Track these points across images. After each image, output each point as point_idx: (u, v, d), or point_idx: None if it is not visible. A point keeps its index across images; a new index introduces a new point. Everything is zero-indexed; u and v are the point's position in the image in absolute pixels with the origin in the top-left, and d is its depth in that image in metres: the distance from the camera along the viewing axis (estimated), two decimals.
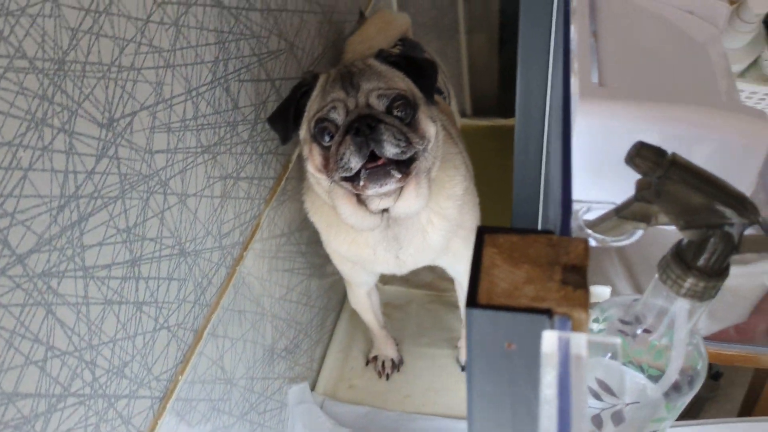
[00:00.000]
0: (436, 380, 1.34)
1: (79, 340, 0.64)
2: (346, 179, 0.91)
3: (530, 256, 0.41)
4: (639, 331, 0.59)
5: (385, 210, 0.98)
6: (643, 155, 0.47)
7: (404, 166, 0.90)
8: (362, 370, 1.37)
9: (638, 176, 0.53)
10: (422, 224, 1.04)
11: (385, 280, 1.53)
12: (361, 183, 0.89)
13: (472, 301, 0.39)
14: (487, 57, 2.04)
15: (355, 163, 0.88)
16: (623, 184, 0.55)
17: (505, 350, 0.41)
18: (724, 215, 0.48)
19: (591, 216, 0.56)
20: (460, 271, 1.19)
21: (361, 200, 0.96)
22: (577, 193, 0.50)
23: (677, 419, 0.63)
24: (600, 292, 0.77)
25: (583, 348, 0.35)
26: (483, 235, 0.43)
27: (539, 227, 1.28)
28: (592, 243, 0.54)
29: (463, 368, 1.35)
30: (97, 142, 0.64)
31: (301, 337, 1.24)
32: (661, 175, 0.47)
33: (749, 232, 0.50)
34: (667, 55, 0.65)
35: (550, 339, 0.36)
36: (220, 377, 0.92)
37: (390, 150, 0.87)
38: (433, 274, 1.55)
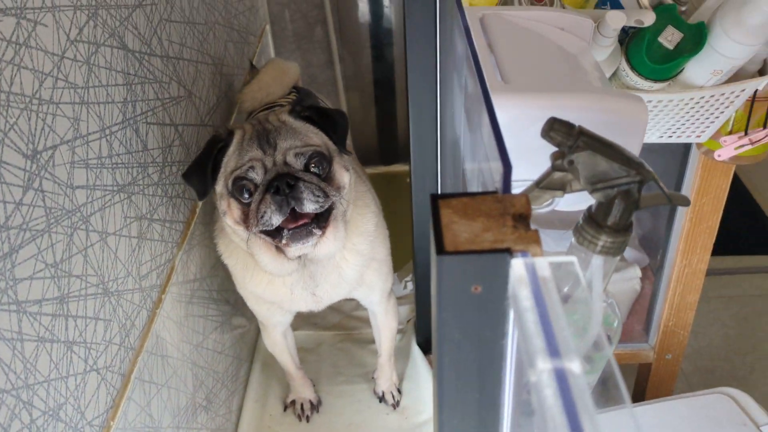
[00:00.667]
0: (357, 415, 1.35)
1: (16, 377, 0.60)
2: (267, 233, 0.94)
3: (483, 211, 0.47)
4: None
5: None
6: (556, 128, 0.54)
7: (323, 220, 0.94)
8: (282, 417, 1.35)
9: (548, 155, 0.61)
10: (337, 261, 1.08)
11: (294, 325, 1.53)
12: (284, 241, 0.93)
13: (440, 251, 0.44)
14: (365, 111, 2.15)
15: (276, 220, 0.92)
16: (535, 164, 0.62)
17: (472, 294, 0.46)
18: (625, 176, 0.56)
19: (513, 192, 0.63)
20: (374, 302, 1.23)
21: (279, 249, 0.98)
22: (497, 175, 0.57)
23: None
24: None
25: (547, 270, 0.41)
26: (437, 200, 0.48)
27: None
28: None
29: (380, 399, 1.37)
30: (23, 173, 0.63)
31: (218, 387, 1.21)
32: (572, 144, 0.55)
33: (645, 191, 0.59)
34: (549, 63, 0.75)
35: (518, 265, 0.41)
36: (149, 425, 0.89)
37: (309, 206, 0.92)
38: (341, 315, 1.57)
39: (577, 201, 0.68)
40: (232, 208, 0.96)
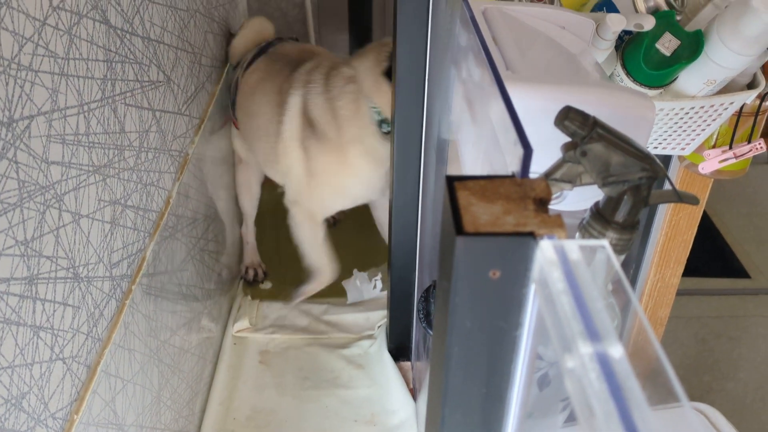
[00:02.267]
0: (324, 420, 1.31)
1: None
2: None
3: (502, 194, 0.45)
4: None
5: None
6: (571, 117, 0.53)
7: None
8: (246, 421, 1.30)
9: (554, 147, 0.60)
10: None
11: (261, 327, 1.49)
12: None
13: (459, 232, 0.42)
14: None
15: None
16: (540, 156, 0.61)
17: (489, 279, 0.43)
18: (637, 171, 0.55)
19: None
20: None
21: None
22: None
23: None
24: None
25: (577, 253, 0.39)
26: (452, 182, 0.46)
27: (417, 257, 1.34)
28: None
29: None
30: None
31: (183, 387, 1.16)
32: (586, 134, 0.53)
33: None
34: (553, 58, 0.74)
35: (548, 248, 0.39)
36: (113, 422, 0.83)
37: None
38: (310, 318, 1.53)
39: (582, 200, 0.66)
40: None
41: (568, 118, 0.53)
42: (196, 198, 1.25)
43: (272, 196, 1.98)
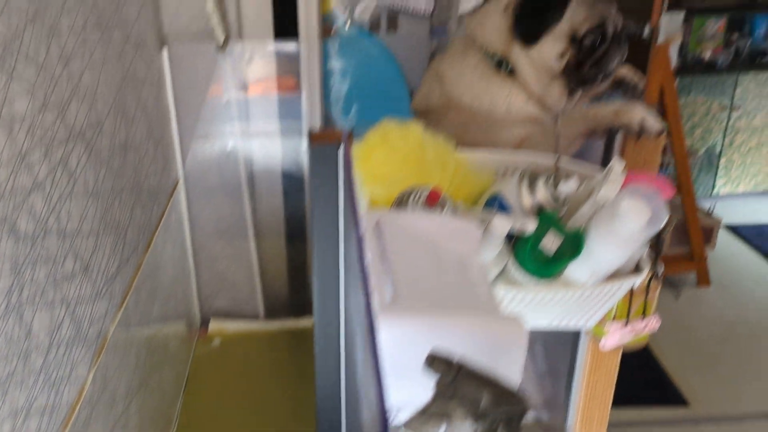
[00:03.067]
0: None
1: None
2: None
3: None
4: None
5: None
6: (435, 365, 0.56)
7: None
8: None
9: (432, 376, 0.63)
10: None
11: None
12: None
13: None
14: (276, 260, 2.15)
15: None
16: (421, 384, 0.64)
17: None
18: (506, 406, 0.58)
19: (403, 415, 0.64)
20: None
21: None
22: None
23: None
24: None
25: None
26: None
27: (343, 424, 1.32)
28: None
29: None
30: None
31: None
32: (453, 377, 0.56)
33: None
34: (438, 275, 0.79)
35: None
36: None
37: None
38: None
39: None
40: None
41: (432, 365, 0.56)
42: (117, 375, 1.23)
43: (205, 350, 1.97)
